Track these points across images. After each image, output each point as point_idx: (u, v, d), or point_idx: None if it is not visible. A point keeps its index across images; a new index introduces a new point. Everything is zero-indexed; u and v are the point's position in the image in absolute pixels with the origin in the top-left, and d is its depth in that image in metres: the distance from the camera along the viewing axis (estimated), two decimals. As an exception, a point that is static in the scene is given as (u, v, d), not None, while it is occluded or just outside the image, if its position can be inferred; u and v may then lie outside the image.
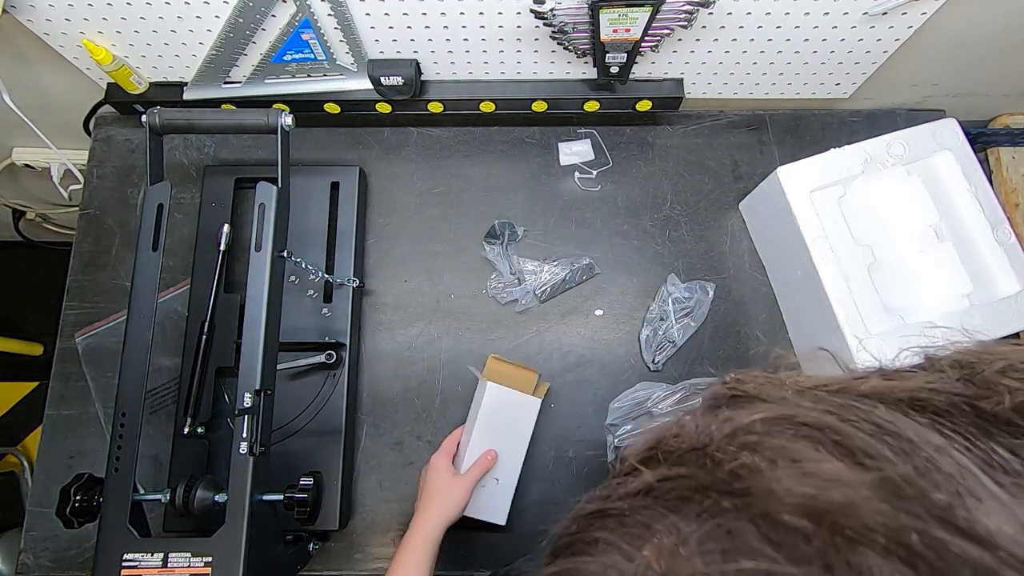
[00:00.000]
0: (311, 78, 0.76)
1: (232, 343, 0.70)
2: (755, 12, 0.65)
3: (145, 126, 0.63)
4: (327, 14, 0.65)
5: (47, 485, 0.73)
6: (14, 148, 0.99)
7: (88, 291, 0.79)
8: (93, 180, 0.84)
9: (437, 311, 0.79)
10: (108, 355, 0.76)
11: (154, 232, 0.60)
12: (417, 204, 0.83)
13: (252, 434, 0.55)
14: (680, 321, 0.78)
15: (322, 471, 0.61)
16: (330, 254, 0.76)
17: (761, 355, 0.78)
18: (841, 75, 0.77)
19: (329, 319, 0.73)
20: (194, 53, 0.71)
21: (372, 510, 0.72)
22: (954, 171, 0.70)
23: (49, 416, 0.75)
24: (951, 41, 0.72)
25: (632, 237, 0.82)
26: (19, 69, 0.76)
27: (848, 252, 0.67)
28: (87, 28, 0.67)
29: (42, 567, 0.70)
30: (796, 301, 0.76)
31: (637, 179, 0.84)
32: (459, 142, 0.86)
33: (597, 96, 0.77)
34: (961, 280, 0.69)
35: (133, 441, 0.56)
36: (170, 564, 0.53)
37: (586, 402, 0.76)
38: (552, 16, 0.62)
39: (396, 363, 0.77)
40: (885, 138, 0.70)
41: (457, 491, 0.63)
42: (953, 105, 0.86)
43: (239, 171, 0.78)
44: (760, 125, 0.86)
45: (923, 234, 0.71)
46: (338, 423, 0.71)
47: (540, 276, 0.79)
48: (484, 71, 0.76)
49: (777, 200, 0.70)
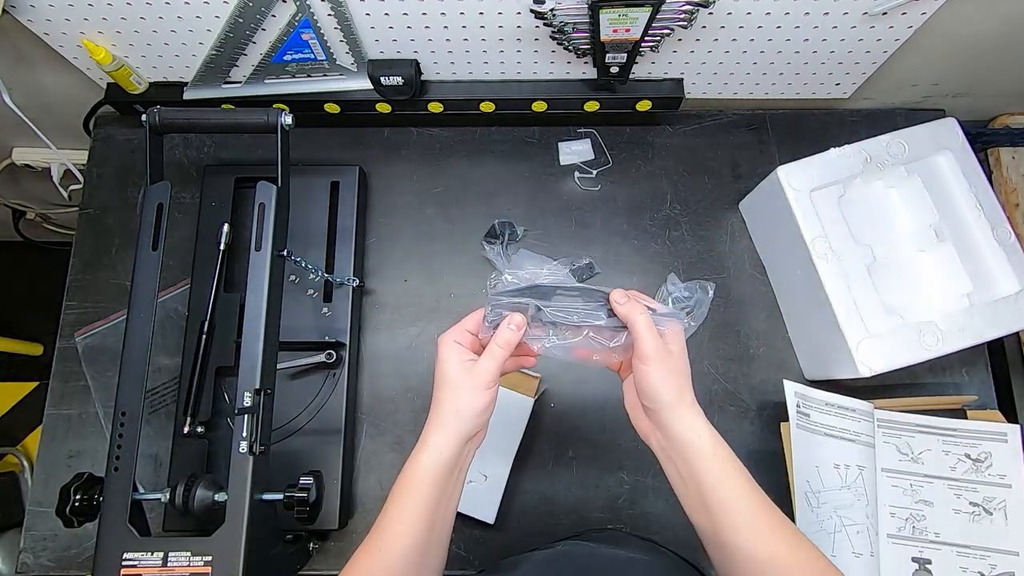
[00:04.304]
0: (311, 78, 0.76)
1: (232, 343, 0.70)
2: (755, 12, 0.65)
3: (145, 126, 0.63)
4: (327, 14, 0.65)
5: (47, 485, 0.73)
6: (14, 148, 0.99)
7: (88, 291, 0.79)
8: (93, 180, 0.84)
9: (437, 311, 0.79)
10: (108, 355, 0.76)
11: (154, 232, 0.60)
12: (417, 204, 0.83)
13: (252, 433, 0.55)
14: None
15: (322, 471, 0.61)
16: (330, 254, 0.76)
17: (761, 355, 0.78)
18: (841, 75, 0.77)
19: (329, 319, 0.73)
20: (194, 53, 0.71)
21: (372, 510, 0.72)
22: (954, 171, 0.70)
23: (49, 416, 0.75)
24: (951, 41, 0.72)
25: (632, 237, 0.82)
26: (19, 69, 0.76)
27: (848, 252, 0.67)
28: (87, 28, 0.68)
29: (42, 566, 0.70)
30: (796, 301, 0.76)
31: (637, 179, 0.84)
32: (459, 142, 0.86)
33: (597, 96, 0.77)
34: (961, 280, 0.69)
35: (133, 441, 0.56)
36: (170, 563, 0.53)
37: (586, 402, 0.76)
38: (552, 16, 0.63)
39: (396, 363, 0.77)
40: (885, 138, 0.70)
41: (470, 389, 0.46)
42: (953, 105, 0.86)
43: (239, 171, 0.78)
44: (760, 125, 0.86)
45: (923, 234, 0.71)
46: (338, 423, 0.71)
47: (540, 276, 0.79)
48: (484, 71, 0.76)
49: (777, 200, 0.70)
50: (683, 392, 0.47)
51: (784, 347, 0.78)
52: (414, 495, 0.46)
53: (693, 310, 0.79)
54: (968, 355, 0.76)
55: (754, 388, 0.77)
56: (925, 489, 0.70)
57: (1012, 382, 0.84)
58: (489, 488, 0.70)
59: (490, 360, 0.47)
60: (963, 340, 0.64)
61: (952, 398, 0.74)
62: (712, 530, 0.45)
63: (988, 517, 0.68)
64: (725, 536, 0.44)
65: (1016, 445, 0.70)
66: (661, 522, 0.71)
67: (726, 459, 0.46)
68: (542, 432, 0.74)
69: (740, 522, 0.44)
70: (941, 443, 0.71)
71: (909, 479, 0.70)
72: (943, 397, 0.74)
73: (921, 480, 0.70)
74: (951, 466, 0.70)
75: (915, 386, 0.76)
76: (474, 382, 0.46)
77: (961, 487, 0.69)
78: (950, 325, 0.64)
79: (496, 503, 0.69)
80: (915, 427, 0.71)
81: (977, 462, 0.70)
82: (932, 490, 0.69)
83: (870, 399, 0.70)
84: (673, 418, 0.46)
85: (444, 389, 0.47)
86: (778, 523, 0.45)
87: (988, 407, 0.76)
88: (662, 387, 0.46)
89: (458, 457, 0.47)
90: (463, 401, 0.46)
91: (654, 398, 0.47)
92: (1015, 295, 0.66)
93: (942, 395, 0.76)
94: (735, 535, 0.44)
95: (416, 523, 0.45)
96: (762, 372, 0.77)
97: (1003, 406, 0.76)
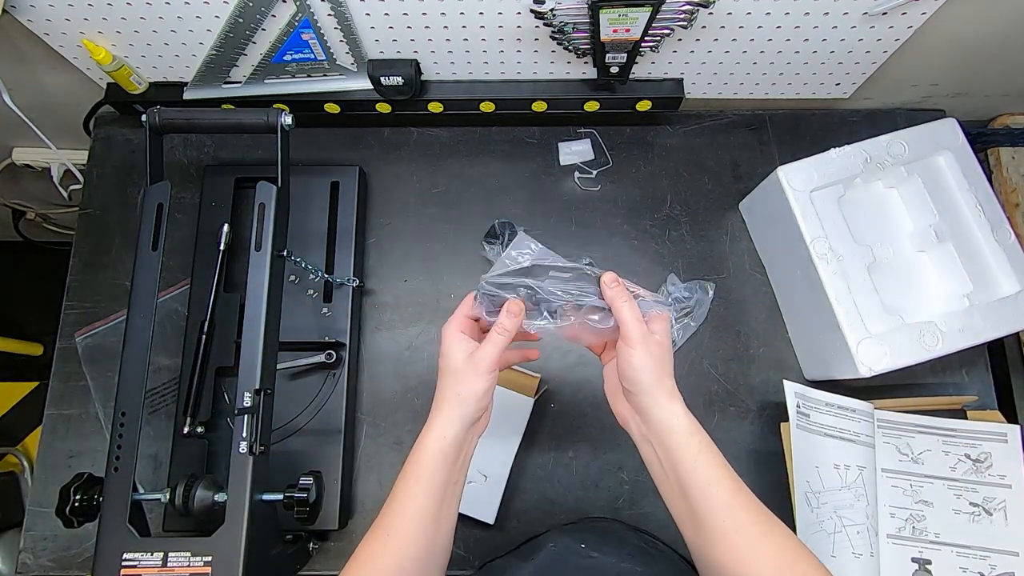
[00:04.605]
0: (311, 78, 0.76)
1: (232, 343, 0.70)
2: (755, 12, 0.65)
3: (145, 126, 0.63)
4: (327, 14, 0.65)
5: (47, 485, 0.73)
6: (14, 148, 0.99)
7: (88, 291, 0.79)
8: (93, 180, 0.84)
9: (437, 311, 0.79)
10: (108, 355, 0.76)
11: (154, 232, 0.60)
12: (417, 204, 0.83)
13: (252, 433, 0.55)
14: (680, 321, 0.77)
15: (322, 471, 0.61)
16: (330, 254, 0.76)
17: (761, 355, 0.78)
18: (841, 75, 0.77)
19: (329, 319, 0.73)
20: (194, 53, 0.71)
21: (372, 510, 0.72)
22: (954, 171, 0.70)
23: (49, 416, 0.75)
24: (951, 41, 0.72)
25: (632, 237, 0.82)
26: (19, 69, 0.76)
27: (848, 252, 0.67)
28: (87, 28, 0.68)
29: (42, 566, 0.70)
30: (796, 301, 0.76)
31: (637, 179, 0.84)
32: (459, 142, 0.86)
33: (597, 96, 0.77)
34: (961, 280, 0.69)
35: (133, 441, 0.56)
36: (170, 563, 0.53)
37: (586, 402, 0.76)
38: (552, 16, 0.63)
39: (396, 363, 0.77)
40: (885, 138, 0.70)
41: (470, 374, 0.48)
42: (953, 105, 0.86)
43: (239, 171, 0.78)
44: (760, 125, 0.86)
45: (923, 234, 0.71)
46: (338, 423, 0.71)
47: (540, 276, 0.79)
48: (484, 71, 0.76)
49: (777, 200, 0.70)
50: (663, 378, 0.48)
51: (784, 347, 0.78)
52: (422, 478, 0.47)
53: (693, 310, 0.79)
54: (968, 355, 0.76)
55: (754, 388, 0.77)
56: (925, 489, 0.70)
57: (1012, 382, 0.84)
58: (489, 488, 0.70)
59: (491, 347, 0.48)
60: (963, 340, 0.64)
61: (952, 398, 0.73)
62: (689, 514, 0.46)
63: (988, 517, 0.68)
64: (702, 519, 0.45)
65: (1016, 445, 0.70)
66: (661, 522, 0.71)
67: (703, 442, 0.46)
68: (542, 432, 0.74)
69: (717, 504, 0.44)
70: (941, 443, 0.71)
71: (909, 479, 0.70)
72: (943, 397, 0.74)
73: (921, 480, 0.70)
74: (951, 466, 0.70)
75: (915, 386, 0.76)
76: (475, 368, 0.48)
77: (961, 487, 0.69)
78: (950, 325, 0.64)
79: (496, 503, 0.69)
80: (915, 427, 0.71)
81: (977, 462, 0.70)
82: (932, 490, 0.69)
83: (870, 399, 0.70)
84: (652, 402, 0.47)
85: (446, 376, 0.49)
86: (754, 506, 0.45)
87: (988, 407, 0.76)
88: (643, 370, 0.47)
89: (462, 442, 0.48)
90: (463, 386, 0.48)
91: (634, 380, 0.47)
92: (1015, 295, 0.66)
93: (942, 395, 0.76)
94: (712, 516, 0.44)
95: (425, 508, 0.46)
96: (762, 372, 0.77)
97: (1003, 406, 0.76)
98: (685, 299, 0.78)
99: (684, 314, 0.78)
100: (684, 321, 0.78)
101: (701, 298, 0.78)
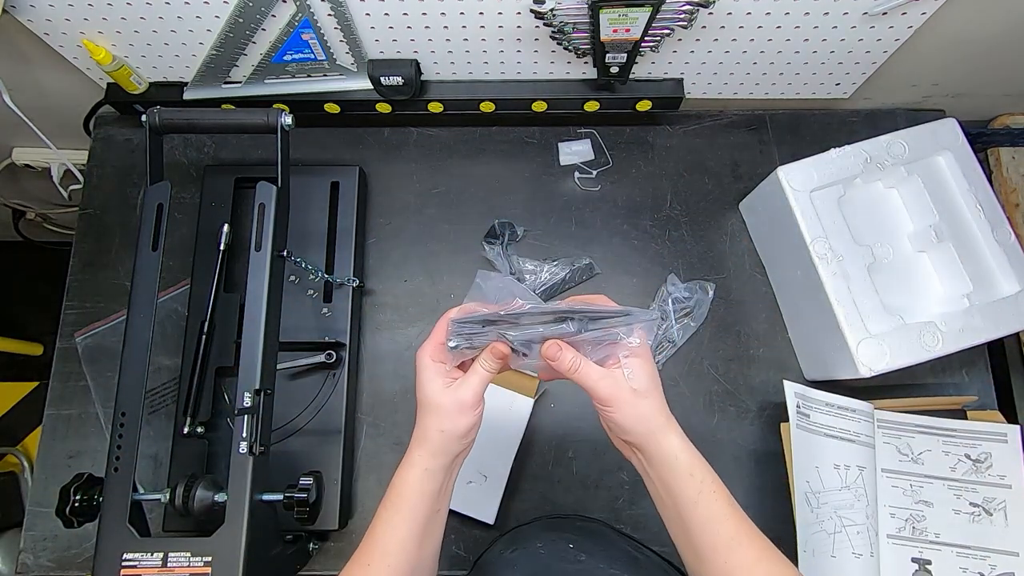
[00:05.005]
0: (311, 78, 0.76)
1: (232, 343, 0.70)
2: (755, 12, 0.65)
3: (145, 126, 0.63)
4: (327, 14, 0.65)
5: (47, 485, 0.73)
6: (14, 148, 0.99)
7: (88, 291, 0.79)
8: (93, 180, 0.84)
9: (437, 311, 0.79)
10: (108, 355, 0.76)
11: (154, 232, 0.60)
12: (417, 204, 0.83)
13: (252, 434, 0.55)
14: (680, 321, 0.78)
15: (322, 471, 0.61)
16: (330, 254, 0.76)
17: (761, 355, 0.78)
18: (841, 75, 0.77)
19: (329, 319, 0.73)
20: (194, 53, 0.71)
21: (372, 510, 0.72)
22: (954, 171, 0.70)
23: (49, 416, 0.75)
24: (951, 41, 0.72)
25: (632, 237, 0.82)
26: (19, 69, 0.76)
27: (848, 252, 0.67)
28: (87, 28, 0.68)
29: (42, 567, 0.70)
30: (796, 301, 0.76)
31: (637, 179, 0.84)
32: (459, 142, 0.86)
33: (597, 96, 0.77)
34: (961, 280, 0.69)
35: (133, 441, 0.56)
36: (170, 564, 0.53)
37: (586, 402, 0.75)
38: (552, 16, 0.63)
39: (396, 363, 0.77)
40: (885, 138, 0.71)
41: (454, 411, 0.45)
42: (953, 105, 0.86)
43: (239, 171, 0.78)
44: (760, 125, 0.86)
45: (923, 234, 0.71)
46: (338, 423, 0.71)
47: (540, 276, 0.79)
48: (484, 71, 0.76)
49: (777, 200, 0.70)
50: (655, 417, 0.45)
51: (784, 347, 0.78)
52: (403, 509, 0.46)
53: (693, 310, 0.79)
54: (968, 355, 0.76)
55: (754, 388, 0.77)
56: (925, 489, 0.70)
57: (1012, 382, 0.84)
58: (489, 488, 0.70)
59: (476, 380, 0.46)
60: (963, 340, 0.64)
61: (952, 398, 0.73)
62: (692, 549, 0.45)
63: (988, 517, 0.68)
64: (703, 555, 0.44)
65: (1016, 445, 0.70)
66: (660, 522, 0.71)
67: (705, 479, 0.45)
68: (542, 432, 0.74)
69: (718, 542, 0.44)
70: (941, 443, 0.71)
71: (909, 479, 0.70)
72: (943, 397, 0.74)
73: (921, 480, 0.70)
74: (951, 466, 0.70)
75: (915, 386, 0.76)
76: (459, 406, 0.46)
77: (961, 487, 0.69)
78: (950, 326, 0.64)
79: (496, 503, 0.70)
80: (915, 427, 0.71)
81: (977, 462, 0.70)
82: (932, 490, 0.69)
83: (870, 399, 0.70)
84: (649, 443, 0.46)
85: (427, 412, 0.47)
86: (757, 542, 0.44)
87: (988, 407, 0.76)
88: (630, 425, 0.45)
89: (444, 475, 0.47)
90: (447, 423, 0.46)
91: (623, 432, 0.46)
92: (1015, 295, 0.66)
93: (942, 395, 0.76)
94: (713, 555, 0.44)
95: (405, 538, 0.45)
96: (762, 372, 0.77)
97: (1003, 406, 0.76)
98: (685, 299, 0.78)
99: (684, 314, 0.78)
100: (684, 321, 0.78)
101: (701, 298, 0.79)
